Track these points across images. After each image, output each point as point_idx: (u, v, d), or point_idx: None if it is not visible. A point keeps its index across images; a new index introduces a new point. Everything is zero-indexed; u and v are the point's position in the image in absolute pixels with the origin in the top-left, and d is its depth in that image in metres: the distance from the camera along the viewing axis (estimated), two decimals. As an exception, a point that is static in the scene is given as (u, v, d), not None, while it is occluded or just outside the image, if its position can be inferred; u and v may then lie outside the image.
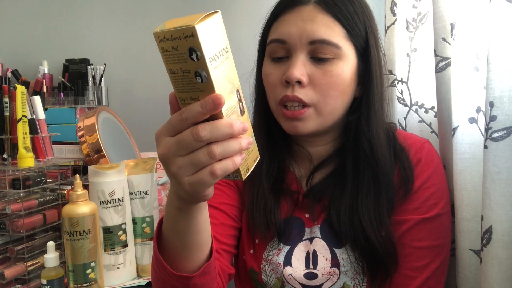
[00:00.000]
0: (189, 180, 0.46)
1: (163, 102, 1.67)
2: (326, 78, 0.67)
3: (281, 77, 0.69)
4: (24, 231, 0.87)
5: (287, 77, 0.68)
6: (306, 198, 0.76)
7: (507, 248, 0.59)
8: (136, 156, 1.27)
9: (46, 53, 1.46)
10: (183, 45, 0.41)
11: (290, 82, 0.68)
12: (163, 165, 0.48)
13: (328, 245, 0.73)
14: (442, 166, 0.76)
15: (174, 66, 0.43)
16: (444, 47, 0.78)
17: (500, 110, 0.60)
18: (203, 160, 0.44)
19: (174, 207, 0.54)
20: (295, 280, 0.73)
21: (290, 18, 0.69)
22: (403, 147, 0.74)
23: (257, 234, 0.76)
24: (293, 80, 0.67)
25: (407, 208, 0.72)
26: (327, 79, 0.67)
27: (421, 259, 0.70)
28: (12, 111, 0.93)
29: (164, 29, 0.41)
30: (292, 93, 0.68)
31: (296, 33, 0.67)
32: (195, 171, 0.45)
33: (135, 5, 1.45)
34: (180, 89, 0.44)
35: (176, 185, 0.48)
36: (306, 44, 0.67)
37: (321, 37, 0.66)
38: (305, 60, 0.68)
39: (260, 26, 0.76)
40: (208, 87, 0.43)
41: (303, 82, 0.67)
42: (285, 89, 0.69)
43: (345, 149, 0.74)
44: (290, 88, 0.68)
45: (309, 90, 0.68)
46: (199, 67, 0.42)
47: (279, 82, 0.70)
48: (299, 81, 0.67)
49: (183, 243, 0.57)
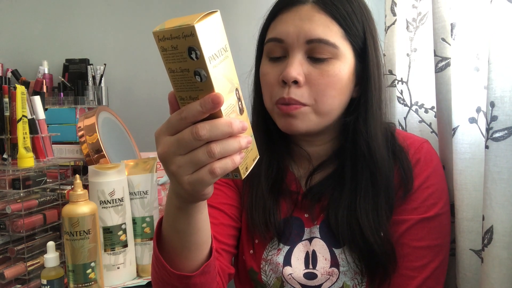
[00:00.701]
0: (189, 179, 0.46)
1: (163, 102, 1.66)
2: (323, 77, 0.67)
3: (278, 77, 0.69)
4: (24, 231, 0.87)
5: (283, 76, 0.67)
6: (305, 199, 0.76)
7: (508, 248, 0.59)
8: (136, 156, 1.27)
9: (46, 53, 1.46)
10: (183, 44, 0.41)
11: (286, 82, 0.68)
12: (163, 164, 0.48)
13: (327, 245, 0.73)
14: (441, 166, 0.76)
15: (173, 65, 0.43)
16: (443, 47, 0.78)
17: (501, 110, 0.60)
18: (202, 159, 0.44)
19: (173, 206, 0.54)
20: (294, 280, 0.73)
21: (287, 17, 0.69)
22: (402, 147, 0.74)
23: (257, 234, 0.76)
24: (290, 79, 0.67)
25: (406, 208, 0.72)
26: (324, 78, 0.67)
27: (420, 259, 0.70)
28: (12, 111, 0.92)
29: (164, 28, 0.41)
30: (288, 95, 0.67)
31: (294, 32, 0.67)
32: (195, 170, 0.45)
33: (135, 5, 1.45)
34: (179, 88, 0.44)
35: (176, 184, 0.48)
36: (303, 43, 0.67)
37: (318, 36, 0.66)
38: (302, 59, 0.68)
39: (259, 25, 0.76)
40: (208, 86, 0.43)
41: (299, 81, 0.67)
42: (282, 89, 0.68)
43: (344, 150, 0.74)
44: (286, 89, 0.68)
45: (305, 90, 0.68)
46: (198, 66, 0.42)
47: (276, 81, 0.70)
48: (296, 81, 0.67)
49: (182, 242, 0.57)
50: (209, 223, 0.59)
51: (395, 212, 0.72)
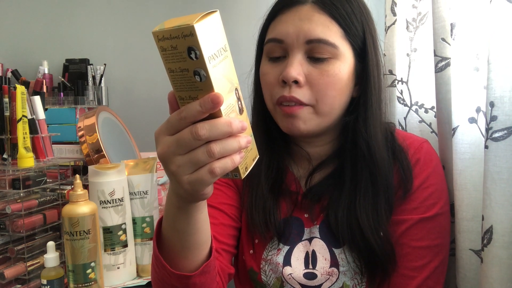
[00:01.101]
0: (189, 179, 0.46)
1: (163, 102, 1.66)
2: (323, 77, 0.67)
3: (278, 77, 0.69)
4: (24, 231, 0.87)
5: (283, 76, 0.67)
6: (305, 199, 0.76)
7: (508, 248, 0.60)
8: (136, 156, 1.27)
9: (46, 53, 1.46)
10: (182, 44, 0.41)
11: (287, 82, 0.68)
12: (163, 164, 0.48)
13: (327, 245, 0.73)
14: (441, 166, 0.76)
15: (173, 65, 0.43)
16: (443, 47, 0.78)
17: (501, 110, 0.60)
18: (202, 159, 0.44)
19: (173, 206, 0.54)
20: (294, 280, 0.73)
21: (287, 17, 0.69)
22: (402, 147, 0.74)
23: (257, 234, 0.76)
24: (290, 79, 0.67)
25: (406, 208, 0.72)
26: (324, 78, 0.67)
27: (420, 259, 0.70)
28: (12, 111, 0.93)
29: (163, 28, 0.41)
30: (289, 94, 0.68)
31: (293, 33, 0.67)
32: (194, 169, 0.45)
33: (135, 5, 1.45)
34: (179, 88, 0.44)
35: (176, 184, 0.48)
36: (303, 43, 0.67)
37: (317, 36, 0.66)
38: (302, 59, 0.68)
39: (259, 26, 0.76)
40: (207, 86, 0.43)
41: (300, 81, 0.67)
42: (282, 89, 0.69)
43: (344, 150, 0.74)
44: (287, 88, 0.68)
45: (306, 90, 0.68)
46: (198, 66, 0.42)
47: (276, 81, 0.70)
48: (296, 81, 0.67)
49: (182, 242, 0.57)
50: (209, 223, 0.59)
51: (395, 212, 0.72)
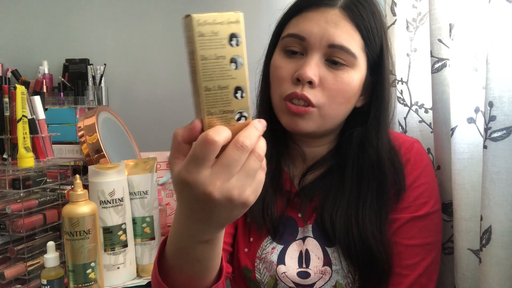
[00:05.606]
0: (251, 189, 0.43)
1: (163, 102, 1.66)
2: (337, 84, 0.68)
3: (292, 73, 0.69)
4: (24, 231, 0.87)
5: (299, 75, 0.67)
6: (298, 198, 0.76)
7: (506, 248, 0.60)
8: (136, 156, 1.27)
9: (46, 53, 1.46)
10: (225, 30, 0.42)
11: (301, 81, 0.68)
12: (228, 202, 0.42)
13: (320, 244, 0.74)
14: (432, 166, 0.76)
15: (208, 52, 0.43)
16: (440, 48, 0.78)
17: (500, 110, 0.60)
18: (255, 166, 0.43)
19: (196, 241, 0.49)
20: (288, 278, 0.73)
21: (313, 16, 0.68)
22: (393, 147, 0.75)
23: (253, 229, 0.77)
24: (305, 79, 0.67)
25: (398, 207, 0.73)
26: (337, 85, 0.68)
27: (412, 257, 0.71)
28: (12, 111, 0.93)
29: (204, 14, 0.42)
30: (301, 91, 0.68)
31: (318, 33, 0.67)
32: (253, 179, 0.43)
33: (135, 5, 1.45)
34: (208, 77, 0.43)
35: (241, 208, 0.44)
36: (325, 46, 0.67)
37: (341, 43, 0.67)
38: (319, 61, 0.68)
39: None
40: (241, 74, 0.43)
41: (314, 82, 0.67)
42: (294, 86, 0.69)
43: (340, 154, 0.75)
44: (299, 86, 0.68)
45: (318, 91, 0.68)
46: (236, 53, 0.43)
47: (289, 77, 0.69)
48: (311, 81, 0.67)
49: (202, 269, 0.53)
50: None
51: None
